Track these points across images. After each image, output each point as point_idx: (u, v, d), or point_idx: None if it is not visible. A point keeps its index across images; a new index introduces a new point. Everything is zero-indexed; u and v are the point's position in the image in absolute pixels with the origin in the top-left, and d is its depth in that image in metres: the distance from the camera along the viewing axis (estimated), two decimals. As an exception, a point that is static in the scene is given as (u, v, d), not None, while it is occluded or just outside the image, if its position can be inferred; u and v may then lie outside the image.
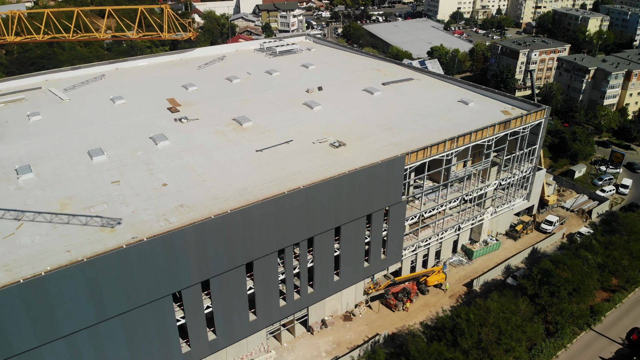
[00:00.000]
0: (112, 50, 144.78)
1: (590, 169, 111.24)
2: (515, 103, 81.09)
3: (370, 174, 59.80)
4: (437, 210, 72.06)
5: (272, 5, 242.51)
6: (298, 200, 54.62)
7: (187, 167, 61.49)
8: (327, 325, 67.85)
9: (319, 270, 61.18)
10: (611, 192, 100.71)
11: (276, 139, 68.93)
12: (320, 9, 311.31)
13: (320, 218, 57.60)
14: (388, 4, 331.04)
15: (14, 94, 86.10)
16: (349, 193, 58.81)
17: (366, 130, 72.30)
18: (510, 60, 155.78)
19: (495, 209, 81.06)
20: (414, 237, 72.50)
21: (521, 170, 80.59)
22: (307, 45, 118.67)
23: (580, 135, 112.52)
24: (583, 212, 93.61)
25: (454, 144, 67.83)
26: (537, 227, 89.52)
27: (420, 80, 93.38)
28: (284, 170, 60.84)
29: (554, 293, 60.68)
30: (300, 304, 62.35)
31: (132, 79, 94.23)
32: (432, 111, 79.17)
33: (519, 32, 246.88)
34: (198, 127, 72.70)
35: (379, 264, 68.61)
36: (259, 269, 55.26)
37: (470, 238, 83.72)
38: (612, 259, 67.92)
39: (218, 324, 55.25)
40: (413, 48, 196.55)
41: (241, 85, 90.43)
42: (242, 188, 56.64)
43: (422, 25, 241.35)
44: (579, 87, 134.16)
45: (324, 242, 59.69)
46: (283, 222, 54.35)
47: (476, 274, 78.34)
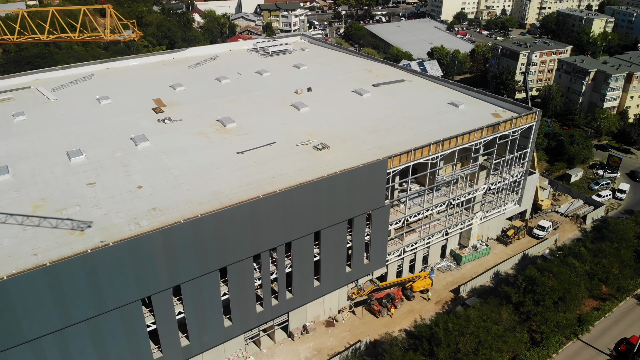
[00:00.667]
0: (108, 50, 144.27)
1: (588, 173, 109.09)
2: (507, 106, 79.38)
3: (351, 177, 58.47)
4: (422, 214, 70.53)
5: (273, 5, 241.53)
6: (274, 205, 53.40)
7: (164, 169, 60.47)
8: (308, 331, 66.61)
9: (297, 275, 59.92)
10: (608, 197, 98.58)
11: (259, 141, 67.75)
12: (324, 9, 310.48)
13: (298, 222, 56.33)
14: (392, 4, 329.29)
15: (2, 93, 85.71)
16: (328, 197, 57.52)
17: (352, 133, 70.96)
18: (510, 62, 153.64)
19: (484, 214, 79.40)
20: (399, 241, 71.05)
21: (512, 174, 78.84)
22: (301, 46, 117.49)
23: (578, 138, 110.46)
24: (577, 217, 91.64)
25: (439, 148, 66.31)
26: (529, 232, 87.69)
27: (412, 82, 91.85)
28: (263, 173, 59.65)
29: (538, 302, 59.00)
30: (279, 310, 61.14)
31: (121, 79, 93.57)
32: (421, 113, 77.67)
33: (523, 33, 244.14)
34: (181, 128, 71.72)
35: (362, 269, 67.25)
36: (233, 275, 54.11)
37: (460, 243, 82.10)
38: (601, 267, 66.00)
39: (191, 329, 54.18)
40: (414, 49, 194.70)
41: (230, 86, 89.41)
42: (218, 191, 55.51)
43: (424, 25, 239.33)
44: (579, 89, 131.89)
45: (303, 247, 58.43)
46: (258, 226, 53.15)
47: (464, 279, 76.75)
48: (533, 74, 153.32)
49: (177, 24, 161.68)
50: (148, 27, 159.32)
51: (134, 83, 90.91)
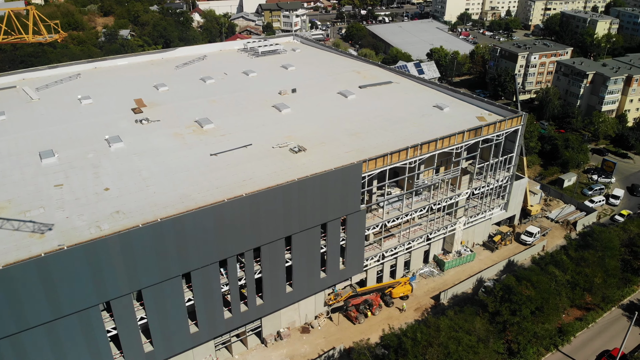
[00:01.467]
0: (103, 49, 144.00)
1: (582, 178, 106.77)
2: (493, 109, 77.54)
3: (323, 181, 57.06)
4: (402, 219, 68.93)
5: (275, 5, 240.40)
6: (240, 209, 52.12)
7: (134, 170, 59.48)
8: (282, 337, 65.34)
9: (268, 281, 58.61)
10: (601, 202, 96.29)
11: (235, 143, 66.61)
12: (328, 9, 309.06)
13: (267, 227, 55.00)
14: (397, 4, 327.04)
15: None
16: (299, 201, 56.14)
17: (331, 135, 69.60)
18: (508, 63, 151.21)
19: (468, 219, 77.58)
20: (377, 247, 69.51)
21: (497, 179, 76.97)
22: (293, 46, 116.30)
23: (573, 142, 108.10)
24: (568, 223, 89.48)
25: (417, 152, 64.71)
26: (517, 238, 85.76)
27: (399, 83, 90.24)
28: (234, 176, 58.45)
29: (515, 311, 57.19)
30: (249, 316, 59.85)
31: (107, 79, 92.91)
32: (405, 116, 76.09)
33: (527, 34, 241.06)
34: (157, 128, 70.78)
35: (339, 274, 65.79)
36: (197, 280, 52.91)
37: (443, 248, 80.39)
38: (583, 276, 63.94)
39: (155, 335, 53.07)
40: (414, 49, 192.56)
41: (214, 86, 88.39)
42: (185, 194, 54.38)
43: (426, 26, 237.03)
44: (577, 92, 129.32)
45: (273, 253, 57.11)
46: (223, 231, 51.90)
47: (446, 286, 75.08)
48: (532, 76, 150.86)
49: (174, 24, 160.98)
50: (144, 26, 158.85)
51: (119, 83, 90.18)
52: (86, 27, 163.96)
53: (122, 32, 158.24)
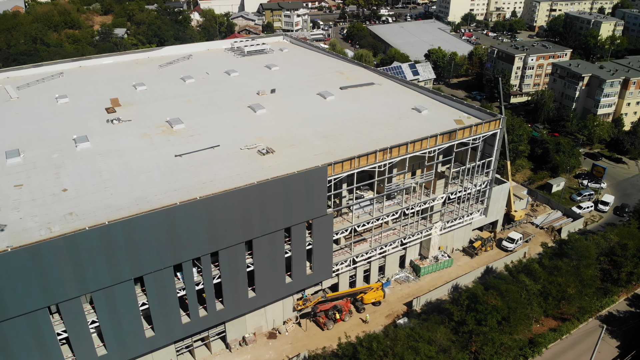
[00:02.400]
0: (97, 47, 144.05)
1: (573, 183, 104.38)
2: (472, 112, 75.73)
3: (285, 185, 55.80)
4: (373, 223, 67.39)
5: (276, 4, 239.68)
6: (194, 212, 51.03)
7: (96, 171, 58.75)
8: (247, 342, 64.26)
9: (228, 286, 57.45)
10: (589, 209, 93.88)
11: (203, 144, 65.65)
12: (332, 9, 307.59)
13: (225, 231, 53.83)
14: (402, 4, 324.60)
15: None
16: (259, 205, 54.90)
17: (303, 137, 68.36)
18: (505, 65, 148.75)
19: (445, 224, 75.82)
20: (348, 251, 68.10)
21: (475, 183, 75.13)
22: (281, 46, 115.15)
23: (564, 146, 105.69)
24: (553, 229, 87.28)
25: (387, 155, 63.19)
26: (498, 244, 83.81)
27: (381, 85, 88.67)
28: (195, 177, 57.45)
29: (480, 321, 55.45)
30: (210, 321, 58.75)
31: (88, 78, 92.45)
32: (382, 118, 74.58)
33: (531, 35, 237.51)
34: (126, 128, 70.04)
35: (306, 279, 64.46)
36: (151, 284, 51.92)
37: (420, 253, 78.75)
38: (556, 286, 61.88)
39: (108, 339, 52.21)
40: (414, 50, 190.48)
41: (193, 86, 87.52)
42: (142, 196, 53.47)
43: (428, 26, 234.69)
44: (573, 94, 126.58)
45: (232, 257, 55.94)
46: (176, 235, 50.82)
47: (421, 292, 73.43)
48: (529, 78, 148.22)
49: (170, 23, 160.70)
50: (140, 25, 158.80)
51: (99, 82, 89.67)
52: (83, 25, 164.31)
53: (118, 30, 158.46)
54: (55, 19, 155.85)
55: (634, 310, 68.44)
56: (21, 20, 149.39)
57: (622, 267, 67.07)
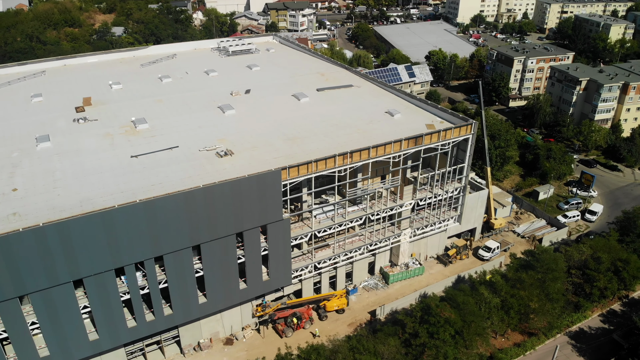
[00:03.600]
0: (93, 46, 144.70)
1: (563, 190, 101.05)
2: (446, 116, 73.44)
3: (234, 189, 54.47)
4: (335, 229, 65.67)
5: (281, 4, 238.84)
6: (134, 215, 50.01)
7: (49, 171, 58.26)
8: (202, 348, 63.13)
9: (175, 291, 56.36)
10: (575, 218, 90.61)
11: (164, 144, 64.81)
12: (342, 9, 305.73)
13: (169, 235, 52.66)
14: (413, 5, 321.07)
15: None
16: (206, 209, 53.66)
17: (267, 139, 67.03)
18: (504, 68, 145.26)
19: (414, 231, 73.67)
20: (309, 257, 66.48)
21: (445, 190, 72.83)
22: (269, 46, 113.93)
23: (556, 152, 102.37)
24: (534, 239, 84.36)
25: (347, 160, 61.43)
26: (475, 253, 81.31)
27: (360, 87, 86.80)
28: (146, 179, 56.57)
29: (433, 334, 53.32)
30: (157, 326, 57.66)
31: (69, 77, 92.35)
32: (352, 122, 72.83)
33: (540, 37, 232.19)
34: (91, 128, 69.53)
35: (262, 285, 62.98)
36: (92, 288, 51.09)
37: (391, 260, 76.73)
38: (518, 299, 59.26)
39: (48, 340, 51.56)
40: (416, 51, 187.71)
41: (168, 85, 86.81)
42: (87, 198, 52.73)
43: (434, 28, 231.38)
44: (570, 99, 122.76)
45: (179, 262, 54.81)
46: (116, 238, 49.87)
47: (389, 300, 71.48)
48: (529, 81, 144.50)
49: (168, 22, 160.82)
50: (138, 23, 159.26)
51: (78, 81, 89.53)
52: (84, 24, 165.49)
53: (116, 29, 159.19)
54: (55, 17, 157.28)
55: (607, 327, 65.45)
56: (22, 18, 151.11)
57: (595, 282, 64.09)
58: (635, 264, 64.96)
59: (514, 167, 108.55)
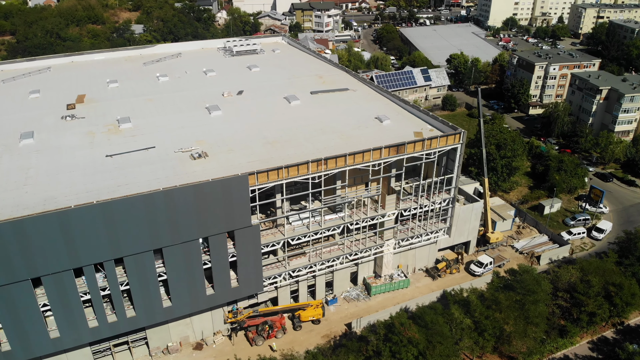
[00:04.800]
0: (111, 42, 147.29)
1: (573, 205, 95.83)
2: (437, 124, 70.37)
3: (197, 193, 53.34)
4: (309, 237, 63.74)
5: (307, 4, 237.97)
6: (91, 217, 49.46)
7: (24, 168, 58.72)
8: (170, 351, 62.48)
9: (138, 294, 55.73)
10: (580, 235, 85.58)
11: (142, 144, 64.50)
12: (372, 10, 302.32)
13: (129, 238, 51.93)
14: (445, 7, 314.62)
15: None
16: (168, 213, 52.72)
17: (246, 142, 65.81)
18: (525, 74, 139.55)
19: (399, 242, 70.92)
20: (283, 265, 64.81)
21: (432, 200, 69.77)
22: (277, 47, 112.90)
23: (567, 164, 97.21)
24: (532, 255, 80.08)
25: (320, 167, 59.44)
26: (467, 268, 77.81)
27: (356, 91, 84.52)
28: (114, 180, 56.23)
29: (395, 354, 50.75)
30: (120, 327, 57.17)
31: (71, 74, 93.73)
32: (338, 127, 70.78)
33: (574, 43, 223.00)
34: (76, 126, 69.96)
35: (230, 292, 61.68)
36: (50, 286, 50.98)
37: (374, 271, 74.22)
38: (492, 321, 55.76)
39: (9, 336, 51.75)
40: (439, 54, 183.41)
41: (164, 85, 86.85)
42: (52, 197, 52.73)
43: (462, 30, 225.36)
44: (590, 108, 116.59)
45: (140, 265, 54.11)
46: (73, 238, 49.48)
47: (369, 312, 69.00)
48: (551, 88, 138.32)
49: (187, 21, 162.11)
50: (157, 21, 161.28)
51: (78, 78, 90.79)
52: (107, 21, 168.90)
53: (136, 27, 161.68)
54: (79, 14, 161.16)
55: (596, 355, 61.08)
56: (46, 14, 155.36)
57: (583, 306, 59.84)
58: (630, 289, 60.33)
59: (523, 178, 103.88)
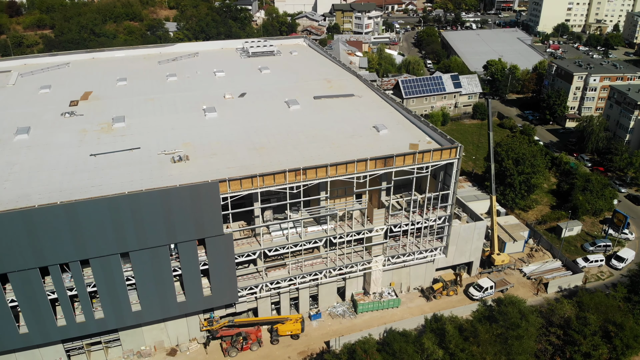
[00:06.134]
0: (144, 39, 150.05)
1: (596, 229, 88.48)
2: (436, 136, 66.16)
3: (164, 198, 52.06)
4: (289, 249, 61.21)
5: (347, 5, 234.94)
6: (54, 217, 49.07)
7: (10, 164, 59.66)
8: (142, 355, 61.76)
9: (105, 296, 55.14)
10: (598, 263, 78.63)
11: (129, 144, 64.25)
12: (419, 12, 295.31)
13: (94, 240, 51.27)
14: (496, 10, 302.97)
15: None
16: (134, 217, 51.69)
17: (231, 147, 64.26)
18: (563, 84, 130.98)
19: (388, 259, 67.19)
20: (260, 276, 62.63)
21: (426, 217, 65.60)
22: (296, 49, 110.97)
23: (594, 184, 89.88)
24: (540, 282, 74.19)
25: (299, 177, 56.84)
26: (466, 290, 73.02)
27: (361, 97, 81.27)
28: (91, 180, 56.01)
29: (356, 382, 47.60)
30: (89, 327, 56.74)
31: (85, 70, 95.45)
32: (331, 135, 68.00)
33: (627, 53, 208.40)
34: (71, 123, 70.66)
35: (204, 300, 60.08)
36: (16, 283, 51.13)
37: (364, 287, 70.80)
38: (468, 355, 51.14)
39: (-25, 331, 52.55)
40: (478, 60, 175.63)
41: (169, 85, 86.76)
42: (27, 194, 53.08)
43: (507, 35, 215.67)
44: (627, 124, 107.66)
45: (107, 267, 53.44)
46: (38, 238, 49.33)
47: (354, 331, 65.84)
48: (590, 101, 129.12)
49: (221, 20, 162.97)
50: (191, 20, 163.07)
51: (91, 74, 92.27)
52: (145, 18, 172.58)
53: (170, 24, 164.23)
54: (117, 11, 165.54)
55: (591, 399, 55.28)
56: (85, 10, 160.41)
57: (577, 346, 54.15)
58: (632, 330, 54.11)
59: (546, 196, 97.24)
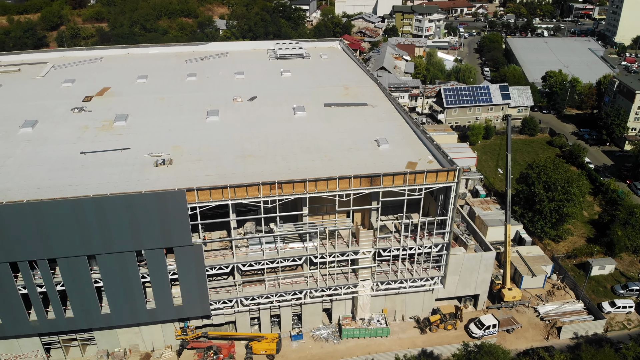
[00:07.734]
0: (194, 36, 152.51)
1: (636, 269, 78.20)
2: (439, 156, 60.40)
3: (128, 204, 50.75)
4: (265, 265, 58.09)
5: (408, 7, 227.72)
6: (21, 215, 49.15)
7: (4, 157, 61.20)
8: (114, 357, 61.27)
9: (73, 296, 54.92)
10: (627, 309, 69.09)
11: (124, 144, 64.14)
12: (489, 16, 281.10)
13: (61, 240, 51.02)
14: (573, 17, 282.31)
15: (17, 65, 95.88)
16: (98, 220, 50.82)
17: (218, 153, 62.45)
18: (625, 102, 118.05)
19: (377, 284, 62.28)
20: (235, 290, 59.98)
21: (420, 244, 60.08)
22: (328, 52, 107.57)
23: (637, 218, 79.55)
24: (554, 325, 66.23)
25: (274, 190, 53.59)
26: (467, 326, 66.56)
27: (374, 107, 76.57)
28: (71, 178, 56.29)
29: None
30: (59, 325, 56.81)
31: (116, 65, 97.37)
32: (328, 146, 64.33)
33: None
34: (78, 119, 71.82)
35: (175, 310, 58.38)
36: (-15, 276, 52.09)
37: (352, 312, 66.32)
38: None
39: (-50, 319, 54.07)
40: (540, 70, 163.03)
41: (186, 85, 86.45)
42: (7, 188, 54.23)
43: (578, 45, 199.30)
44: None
45: (74, 268, 53.04)
46: (5, 233, 49.73)
47: (332, 358, 62.06)
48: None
49: (271, 19, 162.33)
50: (240, 19, 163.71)
51: (117, 70, 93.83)
52: (201, 15, 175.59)
53: (219, 22, 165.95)
54: (172, 7, 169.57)
55: None
56: (143, 5, 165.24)
57: (569, 408, 47.10)
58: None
59: (585, 226, 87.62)
